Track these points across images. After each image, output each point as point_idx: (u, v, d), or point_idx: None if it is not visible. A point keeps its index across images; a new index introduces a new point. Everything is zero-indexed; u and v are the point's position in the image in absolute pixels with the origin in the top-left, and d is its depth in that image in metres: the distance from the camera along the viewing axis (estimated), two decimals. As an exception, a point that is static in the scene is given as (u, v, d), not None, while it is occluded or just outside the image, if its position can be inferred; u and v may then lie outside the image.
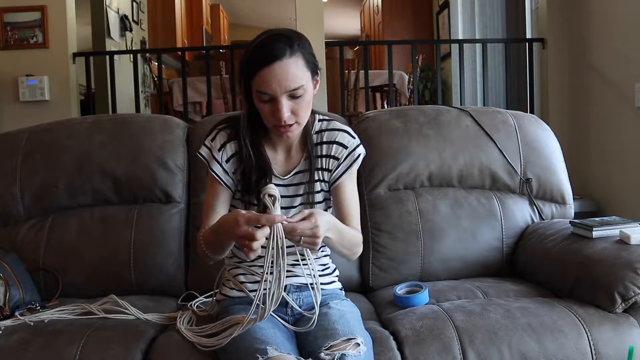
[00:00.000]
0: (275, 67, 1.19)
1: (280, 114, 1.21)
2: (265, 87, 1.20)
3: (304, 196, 1.36)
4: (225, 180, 1.35)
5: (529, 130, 1.92)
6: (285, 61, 1.19)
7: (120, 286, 1.71)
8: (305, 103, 1.25)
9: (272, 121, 1.25)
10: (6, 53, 3.42)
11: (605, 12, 2.94)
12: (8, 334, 1.35)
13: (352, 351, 1.10)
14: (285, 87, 1.20)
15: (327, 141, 1.38)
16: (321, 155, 1.37)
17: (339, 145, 1.37)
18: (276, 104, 1.21)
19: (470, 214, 1.81)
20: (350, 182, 1.39)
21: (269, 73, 1.19)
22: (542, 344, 1.30)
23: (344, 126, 1.41)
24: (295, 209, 1.35)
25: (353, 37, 10.80)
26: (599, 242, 1.53)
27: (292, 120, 1.25)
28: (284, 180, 1.37)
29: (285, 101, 1.21)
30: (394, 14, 6.55)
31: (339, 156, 1.37)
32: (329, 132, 1.39)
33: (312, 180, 1.36)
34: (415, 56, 3.73)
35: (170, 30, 6.53)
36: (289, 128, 1.25)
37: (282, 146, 1.38)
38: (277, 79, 1.19)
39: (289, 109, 1.23)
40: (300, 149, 1.38)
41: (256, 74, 1.20)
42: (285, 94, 1.21)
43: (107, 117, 1.96)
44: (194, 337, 1.27)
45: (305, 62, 1.23)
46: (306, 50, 1.24)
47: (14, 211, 1.82)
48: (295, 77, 1.20)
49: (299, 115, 1.25)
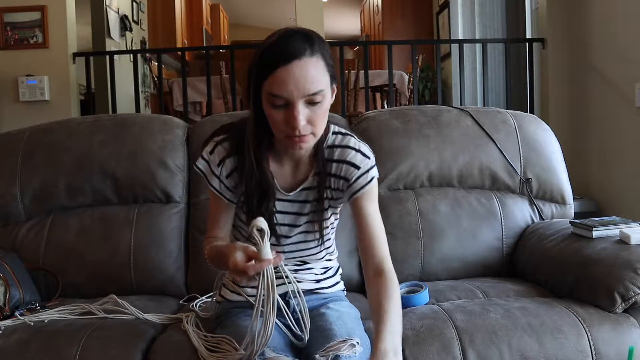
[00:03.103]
0: (294, 66, 1.05)
1: (296, 122, 1.07)
2: (280, 90, 1.06)
3: (311, 214, 1.26)
4: (226, 195, 1.25)
5: (529, 130, 1.93)
6: (305, 60, 1.06)
7: (120, 286, 1.71)
8: (323, 112, 1.11)
9: (285, 130, 1.10)
10: (6, 53, 3.42)
11: (605, 12, 2.94)
12: (8, 334, 1.35)
13: (346, 352, 1.08)
14: (304, 90, 1.06)
15: (338, 159, 1.23)
16: (330, 174, 1.24)
17: (350, 166, 1.23)
18: (291, 110, 1.07)
19: (470, 214, 1.82)
20: (369, 203, 1.23)
21: (286, 73, 1.05)
22: (542, 344, 1.30)
23: (359, 144, 1.26)
24: (299, 228, 1.28)
25: (353, 37, 10.80)
26: (599, 242, 1.53)
27: (308, 131, 1.11)
28: (289, 196, 1.25)
29: (302, 107, 1.07)
30: (394, 14, 6.55)
31: (350, 177, 1.22)
32: (341, 149, 1.24)
33: (321, 198, 1.24)
34: (415, 56, 3.73)
35: (170, 30, 6.53)
36: (303, 139, 1.11)
37: (290, 159, 1.24)
38: (295, 79, 1.05)
39: (305, 116, 1.09)
40: (310, 163, 1.24)
41: (271, 74, 1.06)
42: (302, 99, 1.07)
43: (107, 117, 1.95)
44: (199, 343, 1.25)
45: (325, 64, 1.10)
46: (326, 52, 1.11)
47: (14, 211, 1.82)
48: (315, 79, 1.07)
49: (316, 125, 1.11)
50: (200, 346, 1.24)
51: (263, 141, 1.19)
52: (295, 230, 1.28)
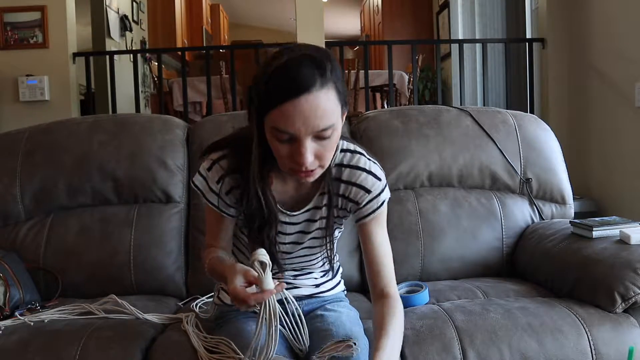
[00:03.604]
0: (302, 102, 0.95)
1: (303, 159, 0.99)
2: (286, 126, 0.96)
3: (316, 232, 1.21)
4: (226, 211, 1.18)
5: (529, 130, 1.92)
6: (314, 94, 0.95)
7: (120, 286, 1.71)
8: (333, 144, 1.03)
9: (289, 164, 1.03)
10: (6, 53, 3.42)
11: (605, 12, 2.94)
12: (8, 334, 1.35)
13: (343, 353, 1.08)
14: (313, 127, 0.97)
15: (347, 180, 1.17)
16: (338, 194, 1.18)
17: (360, 189, 1.16)
18: (297, 146, 0.99)
19: (470, 214, 1.81)
20: (378, 228, 1.19)
21: (293, 109, 0.95)
22: (542, 344, 1.30)
23: (369, 163, 1.18)
24: (302, 245, 1.24)
25: (353, 37, 10.80)
26: (599, 242, 1.53)
27: (315, 165, 1.02)
28: (292, 217, 1.19)
29: (309, 143, 0.98)
30: (394, 14, 6.55)
31: (360, 201, 1.17)
32: (351, 170, 1.17)
33: (330, 220, 1.18)
34: (415, 56, 3.73)
35: (170, 30, 6.53)
36: (309, 173, 1.03)
37: (294, 179, 1.16)
38: (303, 116, 0.95)
39: (313, 152, 1.00)
40: (315, 182, 1.15)
41: (275, 107, 0.96)
42: (310, 135, 0.98)
43: (107, 117, 1.95)
44: (198, 344, 1.25)
45: (337, 93, 0.99)
46: (338, 78, 1.00)
47: (14, 211, 1.82)
48: (325, 114, 0.97)
49: (324, 159, 1.03)
50: (199, 347, 1.24)
51: (266, 165, 1.10)
52: (298, 247, 1.25)
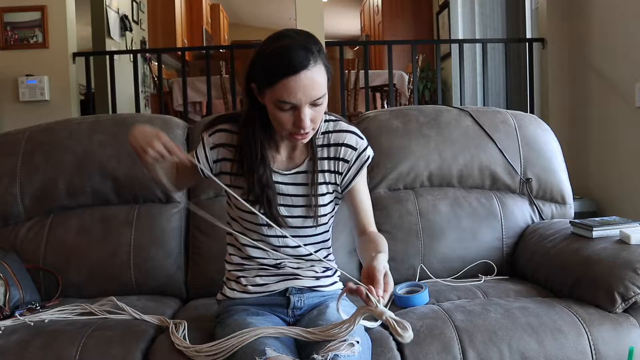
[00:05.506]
0: (302, 77, 1.15)
1: (303, 124, 1.19)
2: (289, 97, 1.16)
3: (307, 198, 1.33)
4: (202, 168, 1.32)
5: (529, 130, 1.93)
6: (311, 70, 1.16)
7: (120, 286, 1.71)
8: (323, 108, 1.23)
9: (290, 129, 1.22)
10: (6, 53, 3.42)
11: (605, 12, 2.94)
12: (8, 334, 1.35)
13: (345, 351, 1.09)
14: (310, 97, 1.17)
15: (334, 143, 1.35)
16: (329, 158, 1.34)
17: (348, 147, 1.34)
18: (298, 113, 1.19)
19: (470, 213, 1.82)
20: (364, 184, 1.38)
21: (295, 83, 1.15)
22: (542, 344, 1.30)
23: (351, 127, 1.38)
24: (297, 209, 1.33)
25: (353, 37, 10.80)
26: (599, 242, 1.53)
27: (309, 128, 1.22)
28: (284, 176, 1.33)
29: (307, 110, 1.19)
30: (394, 14, 6.55)
31: (349, 158, 1.34)
32: (336, 133, 1.36)
33: (314, 182, 1.33)
34: (415, 56, 3.73)
35: (170, 30, 6.53)
36: (305, 135, 1.23)
37: (286, 146, 1.34)
38: (303, 89, 1.16)
39: (310, 117, 1.20)
40: (305, 149, 1.35)
41: (279, 82, 1.16)
42: (308, 103, 1.18)
43: (107, 117, 1.96)
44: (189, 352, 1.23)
45: (325, 68, 1.21)
46: (323, 54, 1.21)
47: (14, 211, 1.82)
48: (319, 85, 1.18)
49: (316, 122, 1.23)
50: (192, 353, 1.22)
51: (262, 130, 1.29)
52: (294, 212, 1.33)
